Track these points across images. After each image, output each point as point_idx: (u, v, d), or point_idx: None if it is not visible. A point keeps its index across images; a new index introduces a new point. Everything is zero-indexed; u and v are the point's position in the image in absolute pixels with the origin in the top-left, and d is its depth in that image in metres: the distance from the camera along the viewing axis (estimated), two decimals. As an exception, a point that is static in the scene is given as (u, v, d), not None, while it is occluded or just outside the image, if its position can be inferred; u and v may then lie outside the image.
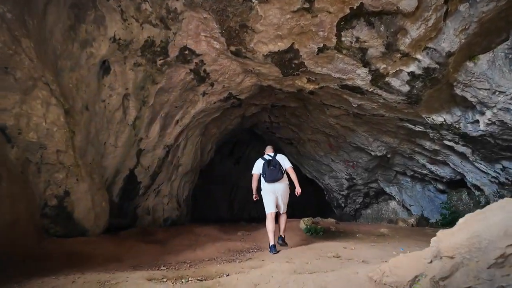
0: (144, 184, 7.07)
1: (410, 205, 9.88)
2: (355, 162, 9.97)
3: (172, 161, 7.75)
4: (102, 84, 5.83)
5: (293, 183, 4.64)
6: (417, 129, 6.94)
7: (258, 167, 4.72)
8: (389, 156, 8.86)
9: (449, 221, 7.39)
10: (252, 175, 4.76)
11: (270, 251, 4.09)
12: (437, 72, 5.27)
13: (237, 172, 14.66)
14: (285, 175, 4.62)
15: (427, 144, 7.37)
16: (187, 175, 8.38)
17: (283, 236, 4.58)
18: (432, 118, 6.29)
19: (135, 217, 7.15)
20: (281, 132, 11.07)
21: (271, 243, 4.21)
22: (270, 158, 4.71)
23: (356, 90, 6.38)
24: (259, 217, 16.14)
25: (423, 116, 6.35)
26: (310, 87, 6.85)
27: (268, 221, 4.41)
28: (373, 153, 8.88)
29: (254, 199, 4.87)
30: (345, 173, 10.46)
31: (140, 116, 6.50)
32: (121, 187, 6.58)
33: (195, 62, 6.28)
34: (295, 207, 17.64)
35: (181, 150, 7.90)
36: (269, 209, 4.50)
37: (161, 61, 6.07)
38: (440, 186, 8.93)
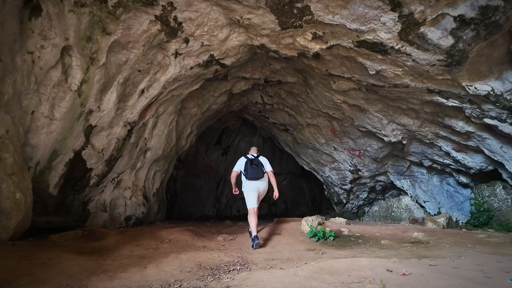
0: (97, 172, 5.40)
1: (425, 201, 8.44)
2: (362, 151, 8.47)
3: (137, 144, 6.08)
4: (28, 29, 4.13)
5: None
6: (449, 104, 5.44)
7: (240, 165, 4.89)
8: (404, 142, 7.37)
9: (484, 222, 5.94)
10: (232, 172, 4.97)
11: (252, 241, 4.11)
12: (499, 13, 3.75)
13: (225, 164, 13.04)
14: (265, 176, 4.83)
15: (459, 124, 5.89)
16: (158, 163, 6.72)
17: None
18: (475, 87, 4.80)
19: (86, 215, 5.48)
20: (276, 116, 9.48)
21: (254, 233, 4.27)
22: (253, 157, 4.91)
23: (377, 48, 4.83)
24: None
25: (463, 84, 4.85)
26: (316, 47, 5.27)
27: (251, 216, 4.51)
28: (386, 139, 7.37)
29: (234, 193, 5.05)
30: (349, 164, 8.96)
31: (87, 80, 4.81)
32: (63, 175, 4.90)
33: (162, 5, 4.62)
34: (288, 204, 16.14)
35: (149, 131, 6.23)
36: (251, 205, 4.62)
37: (114, 0, 4.40)
38: (463, 179, 7.49)
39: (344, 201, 10.21)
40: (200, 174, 12.25)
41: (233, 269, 2.93)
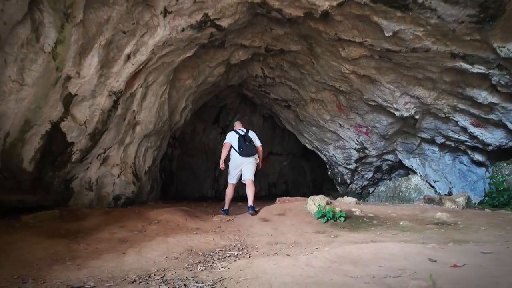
0: (80, 146, 4.85)
1: (435, 181, 7.97)
2: (369, 128, 7.91)
3: (125, 117, 5.51)
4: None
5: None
6: (474, 70, 4.83)
7: (231, 138, 4.94)
8: (417, 117, 6.79)
9: (504, 202, 5.47)
10: (224, 144, 5.02)
11: (222, 212, 4.50)
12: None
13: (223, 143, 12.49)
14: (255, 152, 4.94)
15: (482, 95, 5.30)
16: (149, 139, 6.17)
17: (253, 205, 4.56)
18: (508, 49, 4.18)
19: (69, 194, 4.97)
20: (277, 91, 8.85)
21: (226, 207, 4.62)
22: (244, 133, 4.93)
23: (396, 3, 4.17)
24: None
25: (494, 45, 4.23)
26: (325, 3, 4.61)
27: (229, 189, 4.84)
28: (397, 114, 6.79)
29: (221, 168, 5.16)
30: (356, 142, 8.41)
31: (63, 40, 4.17)
32: (39, 149, 4.35)
33: (146, -51, 3.93)
34: (289, 185, 15.75)
35: (138, 102, 5.64)
36: (232, 180, 4.94)
37: None
38: (478, 157, 6.97)
39: (348, 181, 9.75)
40: (198, 154, 11.74)
41: (230, 255, 2.44)
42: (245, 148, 4.73)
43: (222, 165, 5.06)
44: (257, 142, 5.00)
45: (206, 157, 12.00)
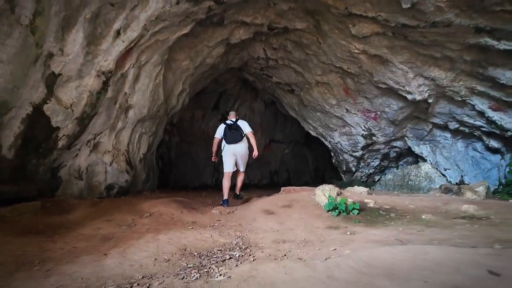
0: (66, 131, 4.44)
1: (445, 169, 7.58)
2: (378, 113, 7.46)
3: (116, 100, 5.08)
4: None
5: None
6: (501, 47, 4.36)
7: (220, 131, 5.08)
8: (430, 101, 6.34)
9: (526, 191, 5.08)
10: (214, 138, 5.17)
11: (222, 204, 4.37)
12: None
13: (223, 130, 12.07)
14: (244, 139, 4.97)
15: (506, 75, 4.84)
16: (143, 124, 5.75)
17: (238, 193, 5.08)
18: (544, 21, 3.69)
19: (56, 183, 4.60)
20: (280, 75, 8.36)
21: (225, 197, 4.53)
22: (232, 123, 5.07)
23: (419, -33, 3.66)
24: (250, 184, 13.88)
25: (528, 17, 3.74)
26: (336, -30, 4.09)
27: (225, 179, 4.84)
28: (409, 97, 6.34)
29: (213, 160, 5.36)
30: (363, 128, 7.99)
31: (41, 11, 3.71)
32: (20, 134, 3.94)
33: None
34: (291, 174, 15.41)
35: (130, 84, 5.20)
36: (227, 169, 4.93)
37: None
38: (493, 143, 6.55)
39: (354, 169, 9.37)
40: (197, 142, 11.33)
41: (230, 257, 2.06)
42: (230, 135, 4.87)
43: (213, 158, 5.29)
44: (247, 129, 5.05)
45: (206, 145, 11.59)
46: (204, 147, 11.53)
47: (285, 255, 1.98)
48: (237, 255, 2.09)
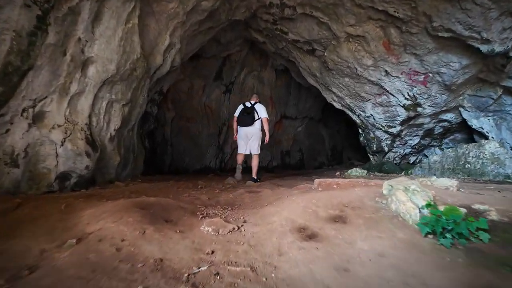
0: (-21, 94, 2.83)
1: (512, 148, 5.88)
2: (430, 75, 5.67)
3: (65, 48, 3.42)
4: None
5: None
6: None
7: (237, 111, 5.12)
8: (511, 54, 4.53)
9: None
10: (233, 117, 5.28)
11: (234, 176, 4.92)
12: None
13: (228, 105, 10.38)
14: (257, 123, 4.96)
15: None
16: (112, 88, 4.08)
17: (255, 177, 4.92)
18: None
19: (-28, 173, 3.05)
20: (298, 29, 6.53)
21: (238, 163, 5.06)
22: (249, 105, 5.05)
23: None
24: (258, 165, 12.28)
25: None
26: None
27: (238, 156, 5.13)
28: (484, 48, 4.53)
29: (234, 139, 5.33)
30: (406, 96, 6.22)
31: None
32: None
33: None
34: (304, 154, 13.78)
35: (85, 26, 3.51)
36: (240, 150, 5.13)
37: None
38: None
39: (386, 149, 7.68)
40: (197, 117, 9.68)
41: None
42: (242, 118, 4.92)
43: (235, 137, 5.27)
44: (262, 113, 5.01)
45: (208, 121, 9.96)
46: (206, 124, 9.90)
47: None
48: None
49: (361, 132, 7.93)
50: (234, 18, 6.35)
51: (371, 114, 6.95)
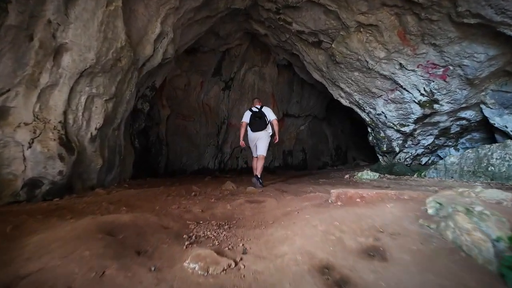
0: None
1: (540, 150, 5.32)
2: (451, 68, 5.12)
3: (31, 32, 2.87)
4: None
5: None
6: None
7: (246, 117, 5.11)
8: (548, 43, 3.98)
9: None
10: (241, 123, 5.19)
11: (253, 181, 4.76)
12: None
13: (227, 102, 9.84)
14: (268, 126, 5.07)
15: None
16: (93, 80, 3.54)
17: (258, 175, 4.84)
18: None
19: None
20: (304, 19, 5.99)
21: (255, 173, 4.88)
22: (257, 110, 5.09)
23: None
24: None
25: None
26: None
27: (253, 162, 5.11)
28: (518, 36, 3.98)
29: (241, 145, 5.24)
30: (422, 92, 5.68)
31: None
32: None
33: None
34: (307, 153, 13.25)
35: (57, 6, 2.97)
36: (254, 154, 5.13)
37: None
38: None
39: (397, 149, 7.14)
40: (195, 115, 9.14)
41: None
42: (255, 124, 5.00)
43: (241, 143, 5.24)
44: (271, 116, 5.09)
45: (206, 120, 9.43)
46: (203, 123, 9.36)
47: None
48: None
49: (370, 131, 7.39)
50: (234, 6, 5.81)
51: (382, 112, 6.41)
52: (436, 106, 5.73)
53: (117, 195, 3.37)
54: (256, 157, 4.99)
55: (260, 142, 4.93)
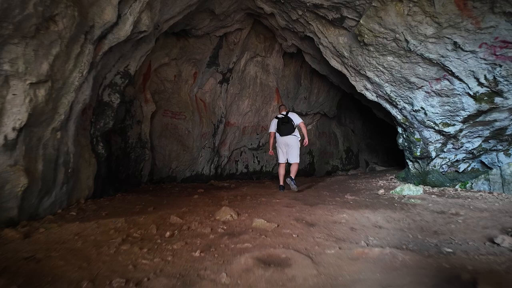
0: None
1: None
2: (528, 46, 3.76)
3: None
4: None
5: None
6: None
7: (273, 125, 5.41)
8: None
9: None
10: (269, 133, 5.51)
11: (279, 189, 5.15)
12: None
13: (225, 97, 8.46)
14: (296, 130, 5.24)
15: None
16: (3, 48, 2.16)
17: (292, 176, 5.02)
18: None
19: None
20: (322, -12, 4.61)
21: (281, 183, 5.25)
22: (283, 116, 5.30)
23: None
24: (262, 171, 10.43)
25: None
26: None
27: (280, 169, 5.34)
28: None
29: (270, 154, 5.60)
30: (482, 80, 4.32)
31: None
32: None
33: None
34: (315, 156, 11.91)
35: None
36: (281, 160, 5.32)
37: None
38: None
39: (433, 154, 5.78)
40: (186, 113, 7.74)
41: None
42: (283, 129, 5.16)
43: (270, 152, 5.52)
44: (297, 120, 5.24)
45: (200, 118, 8.04)
46: (197, 121, 7.98)
47: None
48: None
49: (401, 131, 6.02)
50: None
51: (421, 107, 5.05)
52: (497, 99, 4.37)
53: (34, 241, 1.98)
54: (284, 163, 5.26)
55: (291, 150, 5.09)
